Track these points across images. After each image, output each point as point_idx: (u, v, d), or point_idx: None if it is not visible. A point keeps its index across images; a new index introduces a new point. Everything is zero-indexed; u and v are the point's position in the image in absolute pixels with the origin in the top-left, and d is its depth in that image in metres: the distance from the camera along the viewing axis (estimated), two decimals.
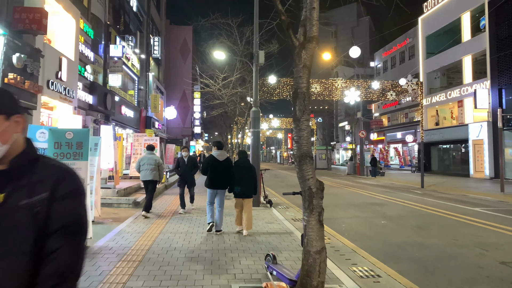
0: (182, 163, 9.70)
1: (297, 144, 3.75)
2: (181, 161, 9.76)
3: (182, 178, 9.72)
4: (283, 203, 11.81)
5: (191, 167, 9.71)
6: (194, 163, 9.81)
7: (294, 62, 3.82)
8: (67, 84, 12.19)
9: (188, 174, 9.66)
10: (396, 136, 40.10)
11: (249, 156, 11.20)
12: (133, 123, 22.80)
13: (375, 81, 18.13)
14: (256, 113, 10.99)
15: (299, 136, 3.73)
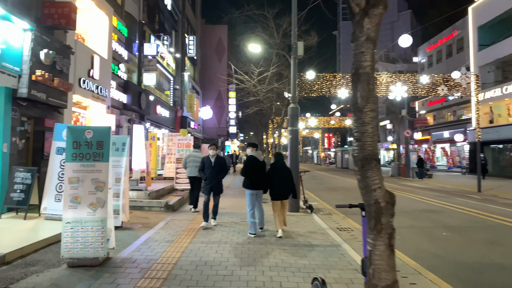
0: (208, 164, 7.53)
1: (358, 143, 2.83)
2: (206, 162, 7.58)
3: (208, 183, 7.53)
4: (325, 208, 10.81)
5: (219, 170, 7.56)
6: (222, 165, 7.67)
7: (353, 34, 2.90)
8: (99, 82, 11.88)
9: (215, 178, 7.50)
10: (443, 135, 37.52)
11: (287, 156, 10.34)
12: (168, 123, 22.58)
13: (423, 75, 16.60)
14: (295, 110, 10.08)
15: (361, 132, 2.81)
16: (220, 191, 7.67)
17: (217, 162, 7.56)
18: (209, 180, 7.49)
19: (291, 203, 9.77)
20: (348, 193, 14.86)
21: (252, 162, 6.99)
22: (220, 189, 7.68)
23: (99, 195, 5.06)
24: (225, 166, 7.86)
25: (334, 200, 12.72)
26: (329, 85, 16.22)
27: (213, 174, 7.49)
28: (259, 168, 6.98)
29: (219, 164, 7.58)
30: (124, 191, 7.47)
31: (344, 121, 35.81)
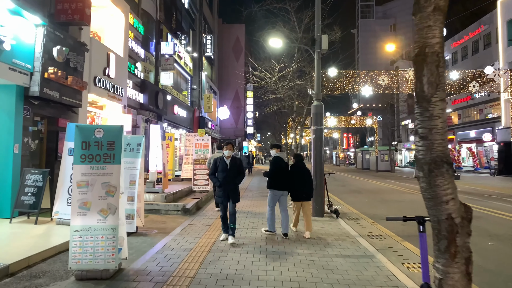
0: (222, 167, 6.28)
1: (424, 142, 2.23)
2: (220, 164, 6.30)
3: (223, 190, 6.26)
4: (351, 212, 10.14)
5: (235, 173, 6.35)
6: (239, 167, 6.41)
7: (416, 5, 2.31)
8: (115, 81, 11.55)
9: (231, 183, 6.29)
10: (469, 134, 36.09)
11: (311, 157, 9.74)
12: (186, 123, 22.26)
13: (453, 71, 15.68)
14: (319, 107, 9.47)
15: (428, 127, 2.21)
16: (237, 199, 6.35)
17: (234, 164, 6.31)
18: (223, 186, 6.20)
19: (315, 207, 9.19)
20: (374, 196, 14.11)
21: (278, 163, 6.99)
22: (237, 196, 6.37)
23: (110, 200, 4.59)
24: (242, 169, 6.52)
25: (359, 203, 12.02)
26: (352, 83, 15.53)
27: (228, 179, 6.24)
28: (284, 169, 6.99)
29: (236, 167, 6.31)
30: (139, 194, 7.02)
31: (365, 120, 34.77)
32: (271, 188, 6.92)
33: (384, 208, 10.97)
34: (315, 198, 9.25)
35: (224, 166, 6.31)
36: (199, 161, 12.15)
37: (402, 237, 7.07)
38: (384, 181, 22.80)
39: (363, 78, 15.58)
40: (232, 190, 6.30)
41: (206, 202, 11.18)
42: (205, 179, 12.00)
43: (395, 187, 17.97)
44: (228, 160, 6.36)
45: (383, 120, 43.55)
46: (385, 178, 25.99)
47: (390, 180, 23.76)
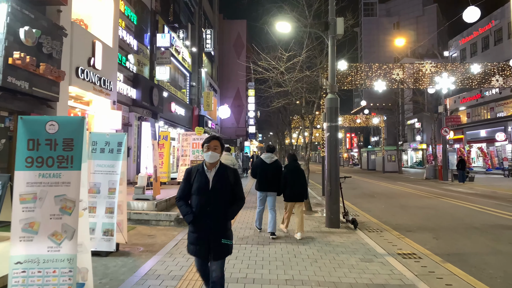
0: (200, 184, 3.30)
1: None
2: (197, 178, 3.34)
3: (198, 230, 3.31)
4: (369, 221, 8.87)
5: (225, 197, 3.35)
6: (235, 187, 3.43)
7: None
8: (102, 73, 10.31)
9: (215, 218, 3.27)
10: (479, 134, 34.74)
11: (325, 158, 8.49)
12: (184, 121, 21.02)
13: (475, 63, 14.38)
14: (334, 101, 8.20)
15: None
16: (225, 251, 3.31)
17: (222, 179, 3.34)
18: (199, 223, 3.25)
19: (330, 217, 7.94)
20: (391, 201, 12.82)
21: (258, 164, 7.12)
22: (226, 249, 3.32)
23: (66, 220, 3.33)
24: (239, 188, 3.46)
25: (376, 210, 10.74)
26: (364, 77, 14.24)
27: (210, 209, 3.25)
28: (267, 170, 6.97)
29: (226, 184, 3.35)
30: (120, 204, 5.77)
31: (372, 119, 33.47)
32: (256, 189, 7.16)
33: (406, 216, 9.68)
34: (330, 207, 8.00)
35: (203, 184, 3.26)
36: (196, 163, 10.89)
37: (441, 256, 5.80)
38: (395, 183, 21.51)
39: (376, 72, 14.29)
40: (217, 234, 3.24)
41: None
42: None
43: (410, 190, 16.68)
44: (212, 171, 3.32)
45: (389, 119, 42.26)
46: (394, 179, 24.69)
47: (401, 182, 22.46)
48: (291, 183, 6.92)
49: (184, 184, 3.39)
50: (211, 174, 3.32)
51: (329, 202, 8.03)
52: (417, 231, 7.80)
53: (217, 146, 3.35)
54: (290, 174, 6.98)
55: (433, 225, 8.50)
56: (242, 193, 3.46)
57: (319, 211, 9.96)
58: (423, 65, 14.36)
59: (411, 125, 46.51)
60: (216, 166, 3.36)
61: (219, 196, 3.27)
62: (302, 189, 7.02)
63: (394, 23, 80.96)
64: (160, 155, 12.71)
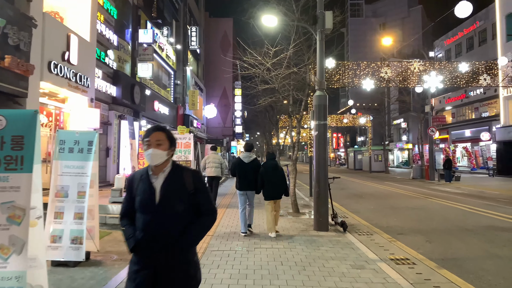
0: (143, 196, 2.26)
1: None
2: (140, 188, 2.31)
3: (142, 267, 2.24)
4: (359, 223, 8.54)
5: (178, 216, 2.25)
6: (204, 198, 2.34)
7: None
8: (79, 69, 9.73)
9: (168, 247, 2.17)
10: (464, 134, 35.06)
11: (313, 158, 8.13)
12: (168, 121, 20.43)
13: (463, 62, 14.26)
14: (322, 98, 7.84)
15: None
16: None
17: (173, 190, 2.27)
18: (144, 258, 2.19)
19: (318, 219, 7.58)
20: (380, 202, 12.56)
21: (236, 164, 7.27)
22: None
23: (14, 231, 2.85)
24: (209, 200, 2.37)
25: (365, 211, 10.44)
26: (352, 75, 13.98)
27: (158, 233, 2.19)
28: (245, 169, 7.08)
29: (181, 196, 2.27)
30: (91, 209, 5.28)
31: (358, 119, 33.41)
32: (236, 188, 7.22)
33: (396, 218, 9.39)
34: (318, 209, 7.63)
35: (147, 195, 2.25)
36: None
37: (435, 262, 5.48)
38: (382, 183, 21.38)
39: (364, 70, 14.04)
40: (170, 269, 2.20)
41: None
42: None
43: (398, 190, 16.50)
44: (160, 177, 2.28)
45: (375, 119, 42.37)
46: (382, 179, 24.60)
47: (388, 182, 22.35)
48: (269, 181, 6.95)
49: (126, 197, 2.40)
50: (158, 181, 2.25)
51: (317, 204, 7.66)
52: (409, 234, 7.50)
53: (161, 141, 2.26)
54: (268, 172, 7.00)
55: (425, 227, 8.21)
56: (210, 204, 2.36)
57: (306, 213, 9.60)
58: (412, 64, 14.18)
59: (397, 125, 46.75)
60: (165, 169, 2.28)
61: (171, 212, 2.21)
62: (281, 186, 7.05)
63: (380, 24, 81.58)
64: (141, 155, 12.18)
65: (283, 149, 20.53)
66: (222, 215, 9.10)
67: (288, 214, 9.48)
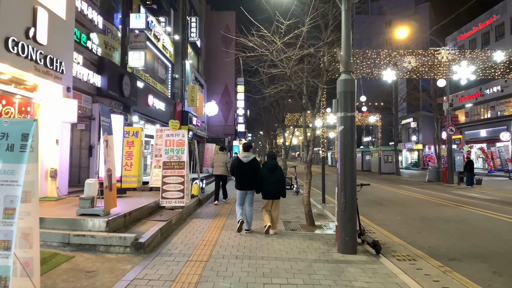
0: None
1: None
2: None
3: None
4: (390, 241, 6.84)
5: None
6: None
7: None
8: (50, 50, 8.07)
9: None
10: (479, 134, 33.29)
11: (338, 160, 6.42)
12: (165, 117, 18.76)
13: (498, 51, 12.52)
14: (349, 83, 6.14)
15: None
16: None
17: None
18: None
19: (344, 239, 5.88)
20: (405, 211, 10.84)
21: (236, 163, 7.23)
22: None
23: None
24: None
25: (392, 223, 8.74)
26: (371, 65, 12.28)
27: None
28: (244, 169, 7.11)
29: None
30: (27, 233, 3.61)
31: (368, 118, 31.66)
32: (235, 188, 7.25)
33: (435, 234, 7.67)
34: (344, 225, 5.93)
35: None
36: (170, 165, 8.73)
37: None
38: (397, 186, 19.62)
39: (385, 59, 12.33)
40: None
41: (178, 225, 7.75)
42: (179, 190, 8.60)
43: (420, 196, 14.74)
44: None
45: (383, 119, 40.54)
46: (395, 182, 22.85)
47: (403, 185, 20.59)
48: (268, 181, 6.98)
49: None
50: None
51: (343, 218, 5.96)
52: (464, 259, 5.79)
53: None
54: (267, 172, 7.04)
55: (477, 247, 6.51)
56: None
57: (323, 226, 7.92)
58: (439, 52, 12.45)
59: (406, 124, 44.93)
60: None
61: None
62: (280, 187, 7.08)
63: (386, 22, 79.63)
64: (128, 154, 10.51)
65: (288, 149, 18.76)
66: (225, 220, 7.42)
67: (302, 227, 7.79)
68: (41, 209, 6.77)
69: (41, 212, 6.39)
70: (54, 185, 8.65)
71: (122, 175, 10.22)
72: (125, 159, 10.40)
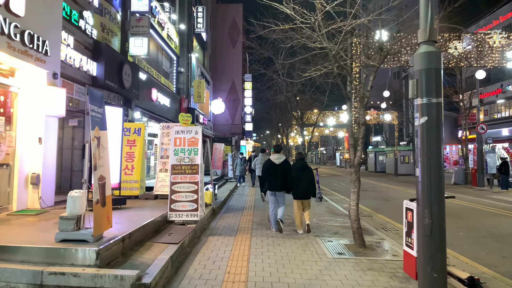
0: None
1: None
2: None
3: None
4: (481, 274, 5.10)
5: None
6: None
7: None
8: (28, 24, 6.37)
9: None
10: (501, 133, 31.43)
11: (417, 162, 4.68)
12: (170, 114, 17.06)
13: None
14: (433, 58, 4.38)
15: None
16: None
17: None
18: None
19: (432, 275, 4.13)
20: (464, 224, 9.10)
21: (267, 166, 7.32)
22: None
23: None
24: None
25: (461, 242, 7.01)
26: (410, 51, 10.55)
27: None
28: (275, 171, 7.18)
29: None
30: None
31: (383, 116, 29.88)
32: (267, 189, 7.35)
33: None
34: (431, 256, 4.17)
35: None
36: (180, 169, 7.02)
37: None
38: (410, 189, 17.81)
39: None
40: None
41: (192, 247, 6.03)
42: (191, 200, 6.88)
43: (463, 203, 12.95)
44: None
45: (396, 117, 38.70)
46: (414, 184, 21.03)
47: None
48: (299, 181, 7.09)
49: None
50: None
51: (428, 247, 4.21)
52: None
53: None
54: (298, 173, 7.17)
55: None
56: None
57: (374, 246, 6.22)
58: (490, 36, 10.70)
59: None
60: None
61: None
62: (310, 186, 7.16)
63: None
64: (129, 155, 8.83)
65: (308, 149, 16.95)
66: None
67: (350, 249, 6.08)
68: (12, 230, 5.06)
69: (10, 236, 4.70)
70: (37, 194, 6.96)
71: (121, 180, 8.53)
72: (125, 161, 8.74)
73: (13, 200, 6.73)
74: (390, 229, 8.12)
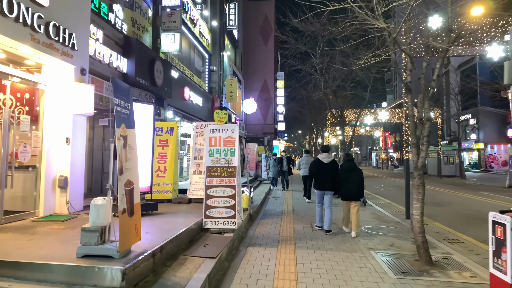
0: None
1: None
2: None
3: None
4: None
5: None
6: None
7: None
8: (53, 15, 5.90)
9: None
10: None
11: None
12: (202, 114, 16.57)
13: None
14: None
15: None
16: None
17: None
18: None
19: None
20: None
21: (315, 165, 7.40)
22: None
23: None
24: None
25: None
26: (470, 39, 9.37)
27: None
28: (323, 170, 7.20)
29: None
30: None
31: None
32: (314, 188, 7.48)
33: None
34: None
35: None
36: (216, 171, 6.33)
37: None
38: (478, 193, 16.30)
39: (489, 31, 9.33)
40: None
41: (230, 261, 5.31)
42: (228, 206, 6.17)
43: None
44: None
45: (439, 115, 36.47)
46: (468, 188, 19.41)
47: (484, 192, 17.20)
48: (347, 182, 7.01)
49: None
50: None
51: None
52: None
53: None
54: (346, 174, 7.08)
55: None
56: None
57: (442, 263, 5.25)
58: None
59: (464, 121, 40.53)
60: None
61: None
62: (357, 188, 7.03)
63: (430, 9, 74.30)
64: (161, 157, 8.27)
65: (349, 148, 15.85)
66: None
67: (415, 267, 5.14)
68: (33, 241, 4.53)
69: (29, 248, 4.16)
70: (64, 198, 6.50)
71: (152, 183, 7.98)
72: (157, 162, 8.17)
73: (40, 204, 6.30)
74: (453, 241, 7.07)
